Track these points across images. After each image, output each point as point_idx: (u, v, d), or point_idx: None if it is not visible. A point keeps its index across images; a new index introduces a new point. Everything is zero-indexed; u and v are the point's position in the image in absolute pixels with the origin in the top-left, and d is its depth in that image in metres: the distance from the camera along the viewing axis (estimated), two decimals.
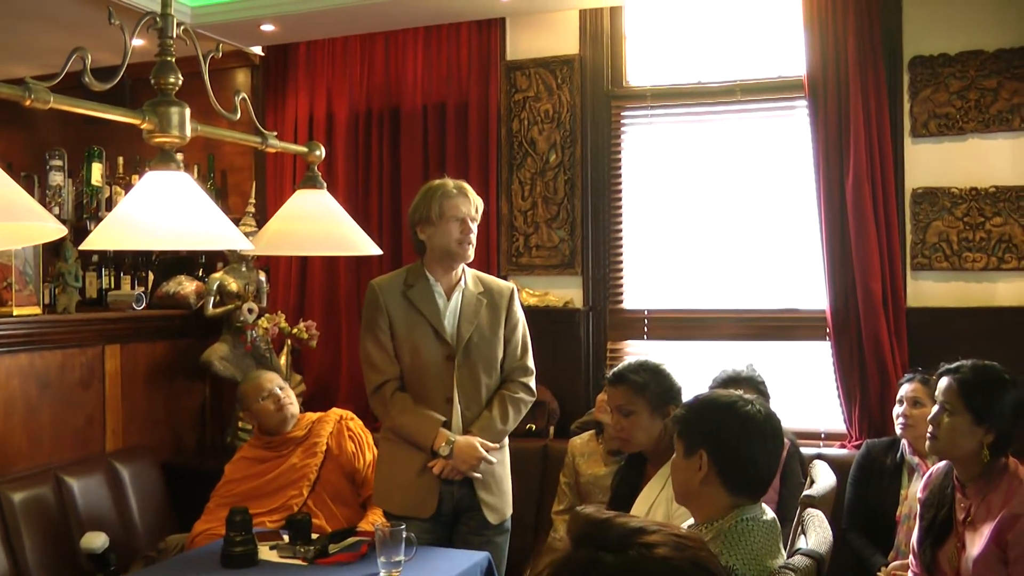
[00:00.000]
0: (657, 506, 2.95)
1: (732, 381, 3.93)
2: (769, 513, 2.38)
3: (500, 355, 3.73)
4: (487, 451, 3.58)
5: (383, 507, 3.79)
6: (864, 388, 4.59)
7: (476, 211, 3.67)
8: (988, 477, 2.93)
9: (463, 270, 3.74)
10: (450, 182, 3.68)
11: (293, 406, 4.34)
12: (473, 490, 3.62)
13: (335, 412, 4.41)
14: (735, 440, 2.34)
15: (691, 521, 2.47)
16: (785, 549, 2.49)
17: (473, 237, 3.65)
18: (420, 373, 3.64)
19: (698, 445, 2.37)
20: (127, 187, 5.55)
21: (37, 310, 4.54)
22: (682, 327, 5.11)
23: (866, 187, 4.54)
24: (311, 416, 4.40)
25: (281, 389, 4.34)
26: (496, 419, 3.65)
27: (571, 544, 1.29)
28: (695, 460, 2.37)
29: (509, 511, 3.75)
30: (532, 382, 3.79)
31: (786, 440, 4.07)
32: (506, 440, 3.78)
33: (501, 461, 3.73)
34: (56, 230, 2.02)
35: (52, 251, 4.85)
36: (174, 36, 2.45)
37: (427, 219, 3.62)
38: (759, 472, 2.36)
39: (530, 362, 3.80)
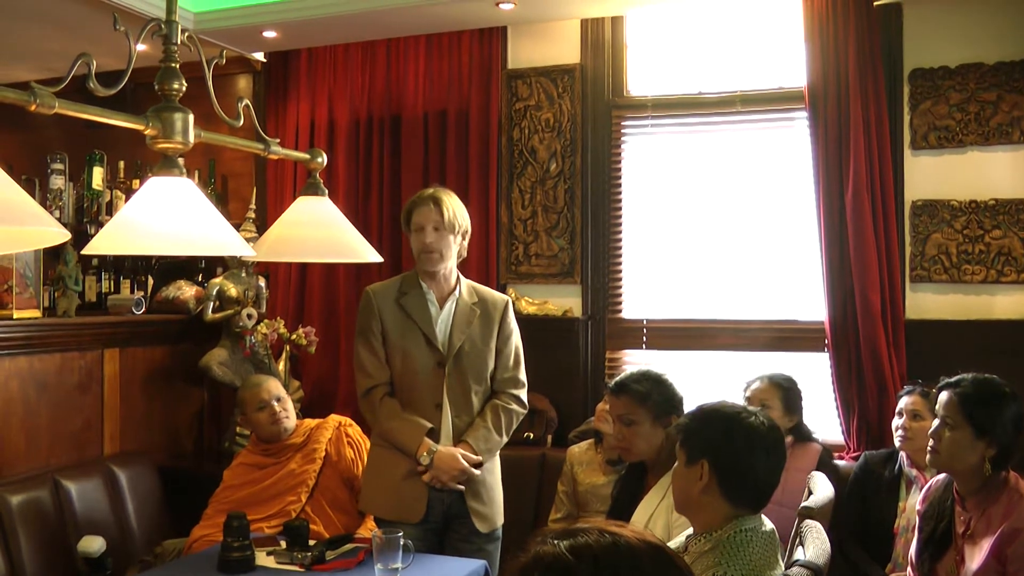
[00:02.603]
0: (657, 516, 2.96)
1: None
2: (768, 524, 2.38)
3: (491, 365, 3.74)
4: (472, 464, 3.58)
5: (371, 512, 3.80)
6: (862, 400, 4.59)
7: (444, 219, 3.61)
8: (988, 491, 2.93)
9: (458, 279, 3.77)
10: (427, 191, 3.72)
11: (289, 420, 4.33)
12: (463, 497, 3.63)
13: (334, 418, 4.41)
14: (737, 451, 2.35)
15: (690, 531, 2.47)
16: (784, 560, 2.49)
17: (436, 246, 3.61)
18: (410, 379, 3.67)
19: (700, 455, 2.38)
20: (128, 192, 5.56)
21: (37, 313, 4.54)
22: (681, 337, 5.12)
23: (865, 199, 4.55)
24: (310, 422, 4.40)
25: (279, 401, 4.32)
26: (492, 429, 3.66)
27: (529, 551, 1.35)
28: (696, 469, 2.37)
29: (500, 520, 3.75)
30: (523, 395, 3.80)
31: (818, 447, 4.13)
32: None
33: (491, 470, 3.73)
34: (59, 235, 2.02)
35: (52, 255, 4.84)
36: (178, 42, 2.45)
37: (404, 227, 3.73)
38: (760, 484, 2.37)
39: (522, 375, 3.82)
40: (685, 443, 2.45)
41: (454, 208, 3.66)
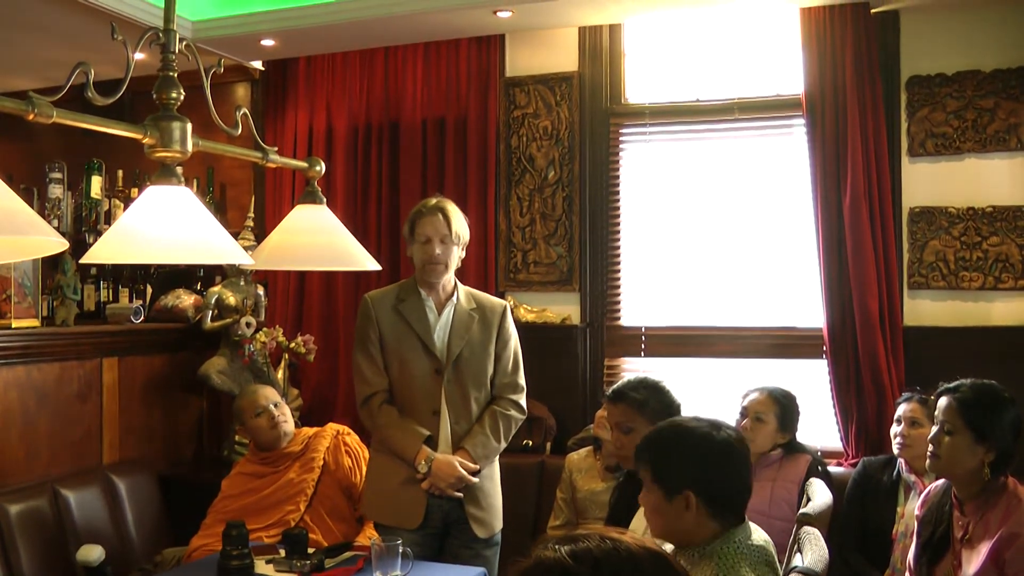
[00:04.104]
0: None
1: None
2: (758, 537, 2.35)
3: (490, 371, 3.75)
4: (470, 471, 3.60)
5: (372, 518, 3.81)
6: (861, 406, 4.59)
7: (452, 231, 3.65)
8: (987, 495, 2.93)
9: (456, 286, 3.78)
10: (432, 200, 3.72)
11: (288, 424, 4.34)
12: (461, 503, 3.64)
13: (332, 427, 4.41)
14: (718, 474, 2.31)
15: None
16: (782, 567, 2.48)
17: (443, 258, 3.64)
18: (408, 386, 3.68)
19: (682, 486, 2.29)
20: (126, 200, 5.55)
21: (36, 323, 4.54)
22: (679, 344, 5.12)
23: (863, 206, 4.56)
24: (308, 431, 4.40)
25: (276, 406, 4.33)
26: (490, 436, 3.67)
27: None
28: (680, 501, 2.29)
29: (499, 525, 3.76)
30: (522, 400, 3.82)
31: (808, 457, 4.11)
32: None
33: (490, 476, 3.75)
34: (58, 244, 2.02)
35: (51, 264, 4.85)
36: (176, 51, 2.46)
37: (408, 238, 3.72)
38: (744, 495, 2.35)
39: (521, 380, 3.83)
40: (660, 478, 2.34)
41: (459, 219, 3.71)
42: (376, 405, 3.69)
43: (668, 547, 2.44)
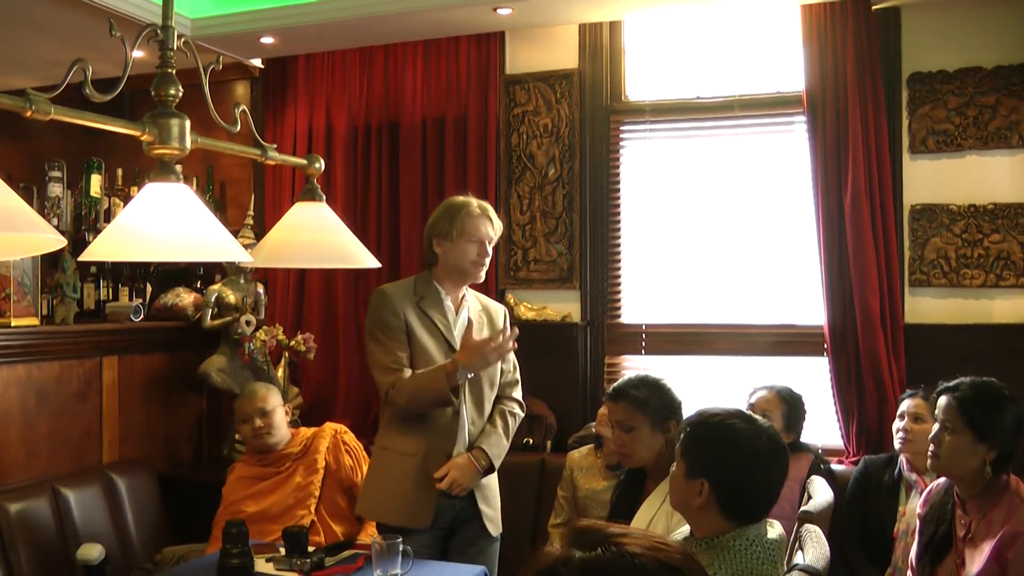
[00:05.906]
0: (656, 521, 2.95)
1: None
2: (775, 532, 2.34)
3: (499, 371, 3.77)
4: (485, 468, 3.63)
5: (379, 519, 3.74)
6: (862, 404, 4.59)
7: (496, 234, 3.70)
8: (989, 494, 2.92)
9: (465, 287, 3.77)
10: (474, 201, 3.67)
11: (272, 436, 4.26)
12: (472, 503, 3.64)
13: (330, 426, 4.37)
14: (741, 475, 2.29)
15: (685, 529, 2.45)
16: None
17: (488, 260, 3.67)
18: None
19: (700, 472, 2.31)
20: (126, 199, 5.54)
21: (35, 321, 4.53)
22: (680, 342, 5.11)
23: (864, 203, 4.55)
24: (306, 431, 4.37)
25: (263, 416, 4.26)
26: (503, 435, 3.71)
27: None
28: (696, 485, 2.31)
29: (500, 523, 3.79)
30: (521, 396, 3.87)
31: (810, 455, 4.10)
32: None
33: (495, 475, 3.77)
34: (56, 241, 2.02)
35: (50, 262, 4.84)
36: (174, 48, 2.45)
37: (446, 234, 3.62)
38: (760, 502, 2.32)
39: (519, 376, 3.88)
40: (686, 455, 2.37)
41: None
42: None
43: (685, 528, 2.44)
